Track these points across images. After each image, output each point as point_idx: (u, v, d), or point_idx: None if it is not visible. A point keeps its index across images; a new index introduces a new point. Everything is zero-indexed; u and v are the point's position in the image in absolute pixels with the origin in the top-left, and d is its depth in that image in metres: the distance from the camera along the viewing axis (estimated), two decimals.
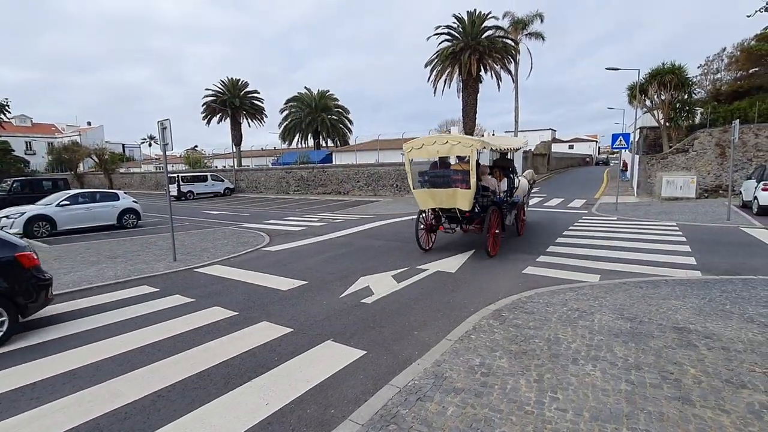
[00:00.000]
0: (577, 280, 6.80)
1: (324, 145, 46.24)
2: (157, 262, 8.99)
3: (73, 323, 5.50)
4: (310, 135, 45.54)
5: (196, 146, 58.82)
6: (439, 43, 30.22)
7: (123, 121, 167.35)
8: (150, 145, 79.81)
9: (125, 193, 16.84)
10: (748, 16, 8.41)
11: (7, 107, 12.32)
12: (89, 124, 69.36)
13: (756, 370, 3.60)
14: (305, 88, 46.34)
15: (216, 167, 45.07)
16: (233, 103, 41.81)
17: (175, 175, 31.65)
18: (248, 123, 44.78)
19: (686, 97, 25.60)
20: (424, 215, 9.60)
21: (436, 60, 30.31)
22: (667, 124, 25.94)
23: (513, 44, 32.08)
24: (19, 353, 4.61)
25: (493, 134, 32.43)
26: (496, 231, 9.00)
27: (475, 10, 29.09)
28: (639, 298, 5.65)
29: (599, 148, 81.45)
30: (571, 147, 74.24)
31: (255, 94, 44.43)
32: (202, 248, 10.53)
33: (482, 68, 28.97)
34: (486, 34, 29.24)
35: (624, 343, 4.23)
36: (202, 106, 42.88)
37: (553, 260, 8.28)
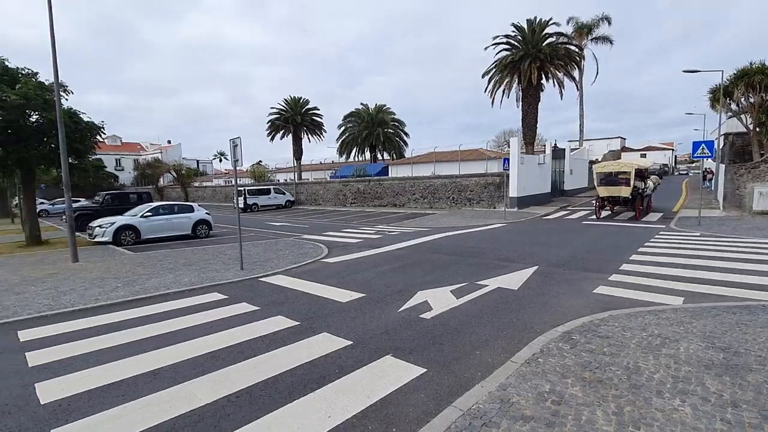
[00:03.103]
0: (657, 302, 6.22)
1: (380, 158, 46.98)
2: (226, 271, 9.54)
3: (153, 326, 5.95)
4: (366, 149, 46.55)
5: (260, 161, 62.34)
6: (497, 53, 29.73)
7: (197, 139, 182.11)
8: (220, 161, 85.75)
9: (199, 205, 18.21)
10: None
11: (102, 129, 14.05)
12: (169, 142, 76.16)
13: None
14: (361, 104, 47.73)
15: (278, 180, 47.40)
16: (295, 119, 43.98)
17: (242, 188, 33.68)
18: (308, 138, 46.88)
19: None
20: (598, 200, 18.29)
21: (494, 70, 29.79)
22: (758, 129, 23.36)
23: (577, 50, 30.76)
24: (105, 353, 5.06)
25: (555, 144, 31.53)
26: (640, 207, 17.49)
27: (535, 17, 28.34)
28: (732, 325, 5.04)
29: (676, 156, 74.94)
30: (643, 155, 68.88)
31: (315, 111, 46.43)
32: (266, 258, 11.03)
33: (543, 76, 27.98)
34: (547, 41, 28.29)
35: (717, 376, 3.77)
36: (267, 123, 45.60)
37: (628, 279, 7.66)
